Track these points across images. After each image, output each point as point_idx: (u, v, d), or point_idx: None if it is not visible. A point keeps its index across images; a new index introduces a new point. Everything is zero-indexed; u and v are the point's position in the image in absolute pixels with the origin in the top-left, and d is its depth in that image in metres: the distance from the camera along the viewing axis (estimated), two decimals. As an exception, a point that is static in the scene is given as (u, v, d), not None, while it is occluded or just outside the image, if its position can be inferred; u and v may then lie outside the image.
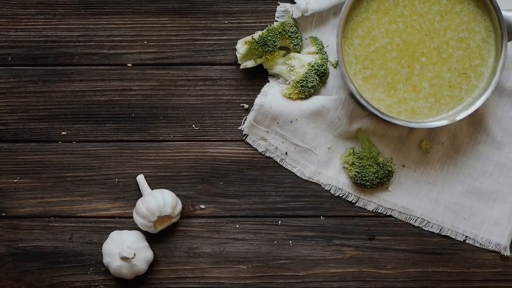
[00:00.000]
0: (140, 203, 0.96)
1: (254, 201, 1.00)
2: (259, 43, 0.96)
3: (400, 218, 1.01)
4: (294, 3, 0.98)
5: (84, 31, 1.00)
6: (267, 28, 0.97)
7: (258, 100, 0.99)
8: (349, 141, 1.00)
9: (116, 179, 1.00)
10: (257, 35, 0.97)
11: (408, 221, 1.01)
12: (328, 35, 1.00)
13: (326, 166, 1.00)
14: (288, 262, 1.00)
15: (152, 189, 0.99)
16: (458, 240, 1.01)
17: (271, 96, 0.98)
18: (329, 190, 1.00)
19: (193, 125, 1.01)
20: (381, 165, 0.97)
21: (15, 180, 1.00)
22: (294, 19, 0.99)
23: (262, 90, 1.00)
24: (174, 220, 0.98)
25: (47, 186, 1.00)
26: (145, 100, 1.00)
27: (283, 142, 0.99)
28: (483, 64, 0.95)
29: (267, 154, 1.00)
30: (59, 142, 1.01)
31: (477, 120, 1.00)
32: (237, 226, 1.00)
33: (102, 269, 1.00)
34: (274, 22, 1.00)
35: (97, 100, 1.00)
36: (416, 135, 1.00)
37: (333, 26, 1.00)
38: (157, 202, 0.95)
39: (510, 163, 1.00)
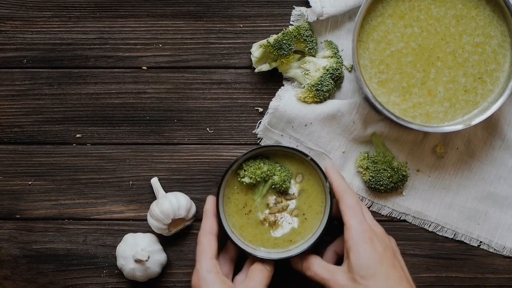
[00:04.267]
0: (154, 206, 0.96)
1: (268, 205, 1.00)
2: (274, 47, 0.96)
3: (414, 223, 1.00)
4: (310, 7, 0.98)
5: (99, 34, 1.00)
6: (282, 32, 0.97)
7: (273, 103, 0.99)
8: (363, 145, 1.00)
9: (130, 182, 1.00)
10: (272, 38, 0.97)
11: (422, 226, 1.00)
12: (343, 39, 1.00)
13: (340, 170, 1.00)
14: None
15: (166, 192, 0.99)
16: (472, 246, 1.00)
17: (286, 99, 0.98)
18: (343, 194, 1.00)
19: (208, 128, 1.01)
20: (395, 169, 0.97)
21: (30, 182, 1.00)
22: (309, 23, 0.99)
23: (276, 93, 1.00)
24: (188, 223, 0.98)
25: (62, 188, 1.00)
26: (160, 103, 1.00)
27: (297, 146, 0.99)
28: (498, 69, 0.95)
29: (281, 158, 1.01)
30: (74, 145, 1.01)
31: (492, 125, 1.00)
32: (251, 229, 1.00)
33: (116, 271, 1.00)
34: (289, 26, 1.00)
35: (112, 103, 1.01)
36: (431, 139, 1.00)
37: (348, 30, 1.00)
38: (171, 205, 0.95)
39: (525, 168, 1.00)
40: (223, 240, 0.94)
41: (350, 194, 0.90)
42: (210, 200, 0.93)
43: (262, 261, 0.92)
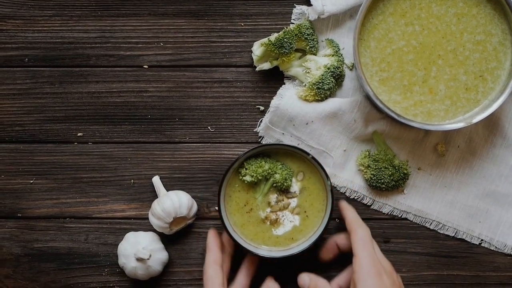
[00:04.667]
0: (155, 204, 0.96)
1: (269, 203, 1.01)
2: (276, 45, 0.96)
3: (415, 221, 1.00)
4: (311, 5, 0.98)
5: (100, 33, 1.01)
6: (283, 30, 0.97)
7: (274, 102, 0.99)
8: (364, 144, 1.00)
9: (132, 180, 1.01)
10: (273, 37, 0.97)
11: (423, 224, 1.00)
12: (344, 38, 1.00)
13: (341, 169, 1.00)
14: (303, 264, 1.00)
15: (167, 190, 0.99)
16: (473, 243, 1.00)
17: (287, 98, 0.98)
18: (344, 192, 1.00)
19: (209, 127, 1.01)
20: (396, 167, 0.97)
21: (31, 181, 1.01)
22: (311, 21, 0.99)
23: (278, 92, 1.00)
24: (189, 221, 0.99)
25: (63, 187, 1.00)
26: (161, 102, 1.01)
27: (298, 144, 0.99)
28: (499, 66, 0.95)
29: (283, 156, 1.01)
30: (75, 143, 1.01)
31: (493, 123, 1.00)
32: (252, 228, 1.00)
33: (117, 270, 1.00)
34: (291, 24, 1.00)
35: (113, 102, 1.01)
36: (432, 137, 1.00)
37: (349, 28, 1.00)
38: (173, 203, 0.95)
39: (526, 166, 1.00)
40: (233, 270, 0.95)
41: (363, 228, 0.91)
42: (212, 234, 0.94)
43: (265, 260, 0.92)
